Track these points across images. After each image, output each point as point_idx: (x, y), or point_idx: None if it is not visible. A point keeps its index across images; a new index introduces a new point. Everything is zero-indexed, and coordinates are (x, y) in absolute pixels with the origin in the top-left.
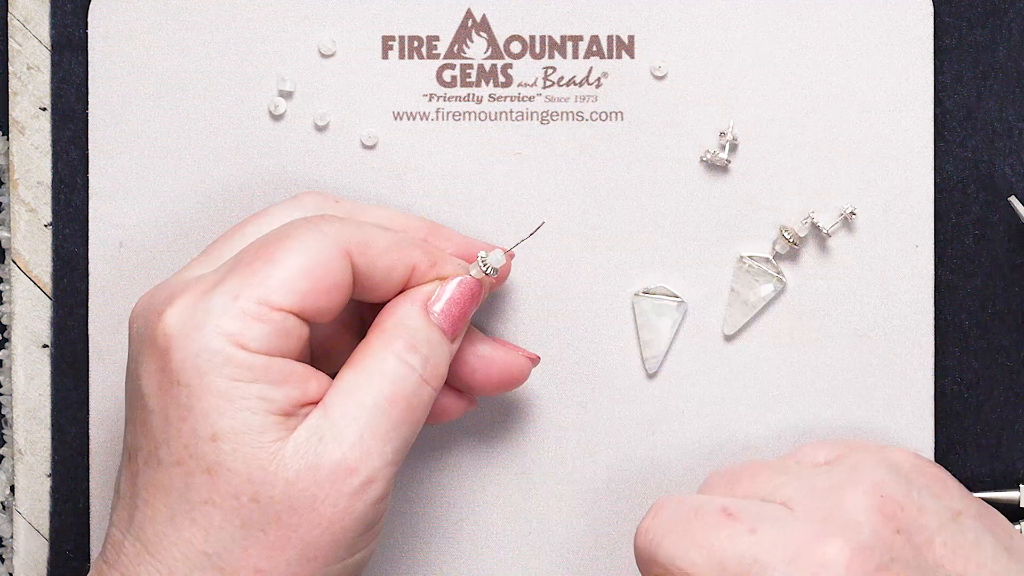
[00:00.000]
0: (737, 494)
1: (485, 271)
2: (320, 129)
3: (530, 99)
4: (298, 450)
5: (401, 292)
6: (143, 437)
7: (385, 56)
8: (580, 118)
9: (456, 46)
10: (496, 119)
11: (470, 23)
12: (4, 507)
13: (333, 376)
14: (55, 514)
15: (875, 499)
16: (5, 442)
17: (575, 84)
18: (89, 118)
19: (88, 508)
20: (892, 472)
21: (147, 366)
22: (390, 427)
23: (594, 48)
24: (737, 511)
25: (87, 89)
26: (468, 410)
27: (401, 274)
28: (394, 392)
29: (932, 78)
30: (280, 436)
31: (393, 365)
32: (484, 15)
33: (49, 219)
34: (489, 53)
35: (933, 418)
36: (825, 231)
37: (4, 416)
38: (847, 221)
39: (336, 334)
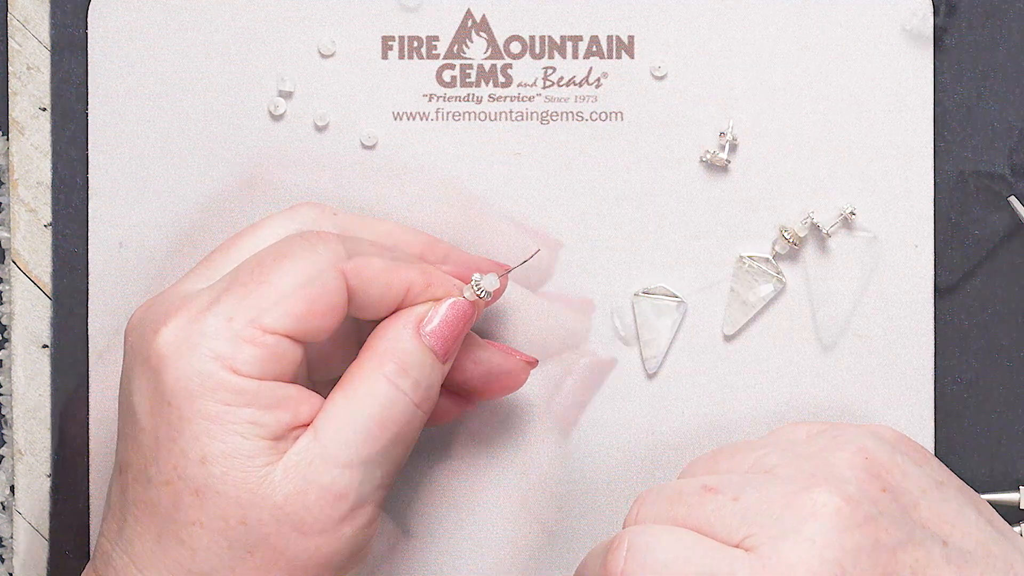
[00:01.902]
0: (718, 472)
1: (479, 294)
2: (320, 129)
3: (530, 99)
4: (287, 474)
5: (395, 311)
6: (133, 453)
7: (385, 56)
8: (580, 118)
9: (456, 46)
10: (496, 119)
11: (470, 23)
12: (4, 507)
13: (332, 383)
14: (55, 514)
15: (860, 459)
16: (5, 442)
17: (575, 84)
18: (89, 118)
19: (88, 508)
20: (876, 439)
21: (140, 383)
22: (380, 451)
23: (594, 48)
24: (718, 484)
25: (87, 89)
26: (466, 410)
27: (396, 294)
28: (384, 416)
29: (932, 78)
30: (270, 460)
31: (384, 389)
32: (484, 15)
33: (49, 219)
34: (489, 53)
35: (933, 418)
36: (825, 231)
37: (4, 416)
38: (847, 221)
39: (335, 345)
